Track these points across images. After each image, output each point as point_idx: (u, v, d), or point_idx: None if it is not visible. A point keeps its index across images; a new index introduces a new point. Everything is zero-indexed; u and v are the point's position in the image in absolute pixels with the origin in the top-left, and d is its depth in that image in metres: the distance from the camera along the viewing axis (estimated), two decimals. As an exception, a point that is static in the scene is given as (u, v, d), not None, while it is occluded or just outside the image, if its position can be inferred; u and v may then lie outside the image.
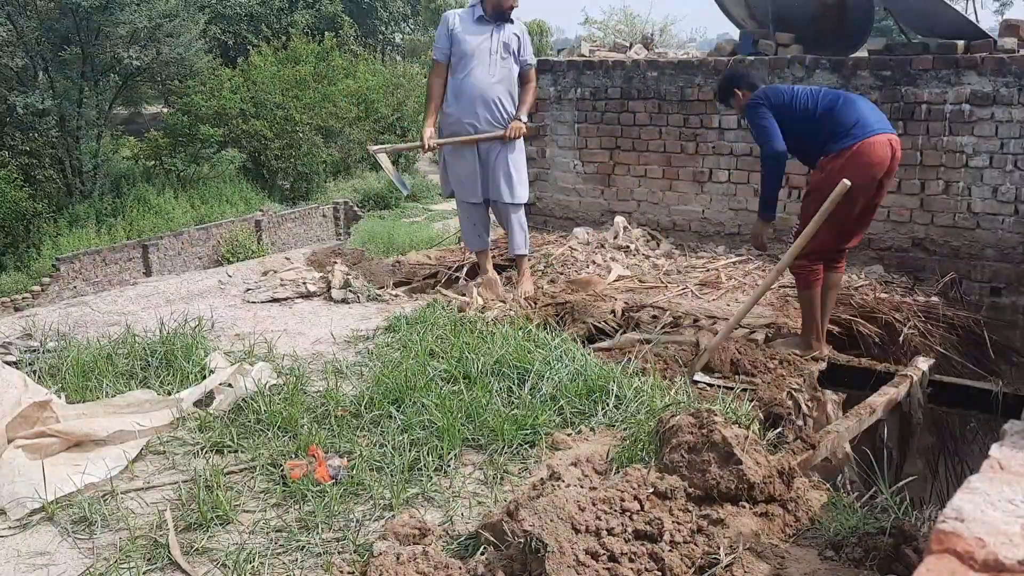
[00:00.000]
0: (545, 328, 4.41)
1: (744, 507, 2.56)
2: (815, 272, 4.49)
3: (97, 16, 22.23)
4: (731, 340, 4.39)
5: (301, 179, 28.20)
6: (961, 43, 5.69)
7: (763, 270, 5.89)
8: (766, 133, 4.37)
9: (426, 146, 5.19)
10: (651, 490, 2.47)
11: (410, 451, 3.03)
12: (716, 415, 2.75)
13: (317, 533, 2.59)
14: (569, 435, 3.22)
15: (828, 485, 3.01)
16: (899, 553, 2.38)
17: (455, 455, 3.05)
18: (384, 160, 5.51)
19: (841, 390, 4.45)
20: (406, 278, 6.08)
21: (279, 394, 3.56)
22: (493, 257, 5.72)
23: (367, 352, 4.17)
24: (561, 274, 5.98)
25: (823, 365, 4.50)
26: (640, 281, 5.78)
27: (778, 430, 3.31)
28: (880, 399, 4.14)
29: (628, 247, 6.49)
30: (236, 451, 3.14)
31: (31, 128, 22.89)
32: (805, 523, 2.63)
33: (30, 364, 3.90)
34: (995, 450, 1.66)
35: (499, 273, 5.68)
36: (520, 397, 3.44)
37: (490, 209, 5.48)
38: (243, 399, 3.49)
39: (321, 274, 5.64)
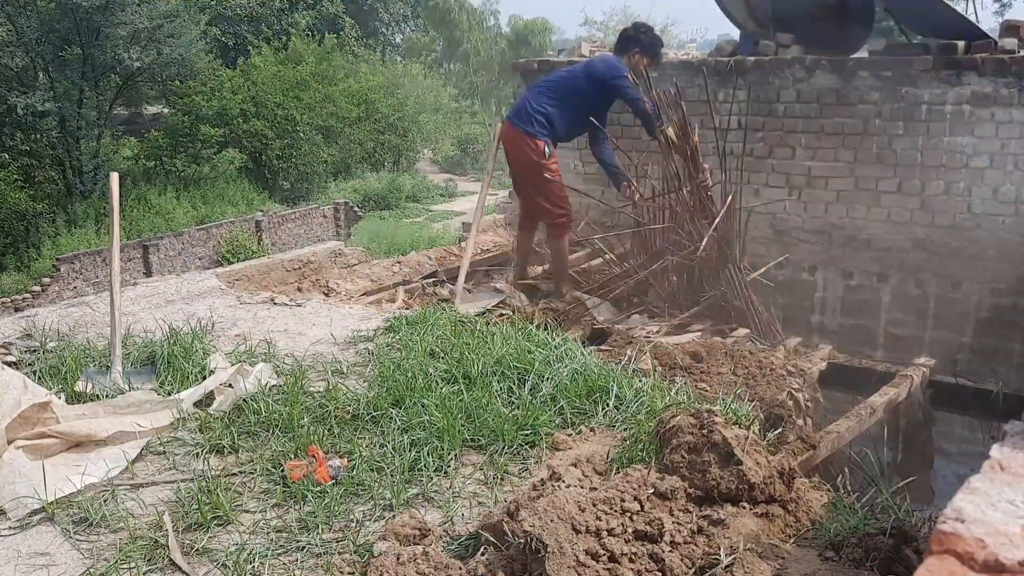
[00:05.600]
0: (545, 328, 4.41)
1: (744, 508, 2.56)
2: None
3: (97, 16, 22.19)
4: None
5: (302, 179, 28.17)
6: (961, 44, 5.69)
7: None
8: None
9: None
10: (651, 490, 2.47)
11: (410, 451, 3.03)
12: (716, 416, 2.75)
13: (317, 533, 2.59)
14: (569, 435, 3.21)
15: (828, 486, 3.01)
16: (899, 554, 2.37)
17: (455, 455, 3.05)
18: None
19: (841, 390, 4.46)
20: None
21: (279, 394, 3.55)
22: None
23: (367, 352, 4.17)
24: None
25: (823, 365, 4.51)
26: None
27: (778, 430, 3.31)
28: (880, 399, 4.14)
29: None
30: (236, 451, 3.14)
31: (31, 129, 22.86)
32: (805, 524, 2.63)
33: (30, 364, 3.90)
34: (995, 450, 1.66)
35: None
36: (520, 397, 3.44)
37: None
38: (243, 399, 3.49)
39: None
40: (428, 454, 3.01)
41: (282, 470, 2.93)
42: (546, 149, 5.60)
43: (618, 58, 5.82)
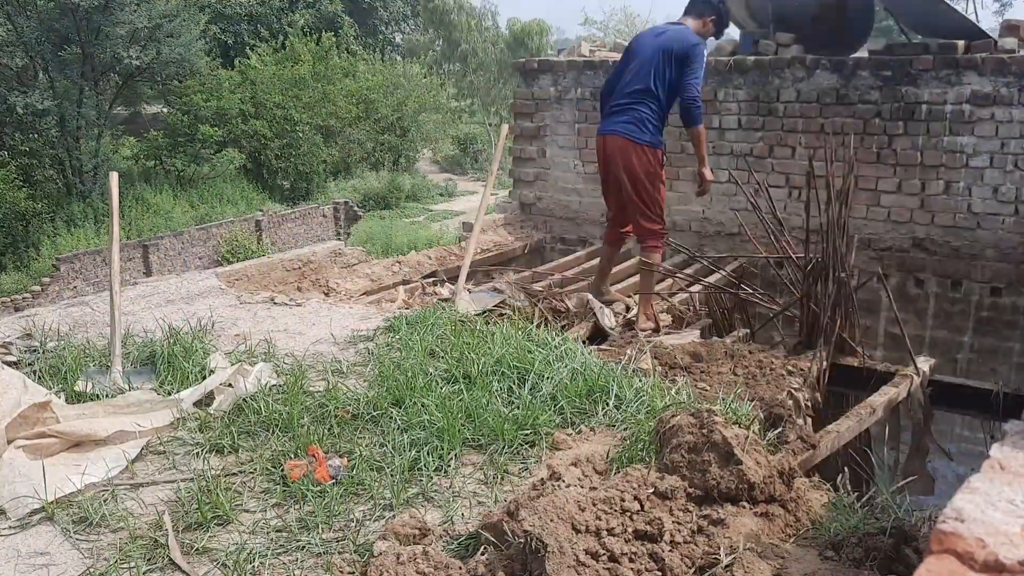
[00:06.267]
0: (545, 328, 4.41)
1: (744, 507, 2.56)
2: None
3: (97, 16, 22.17)
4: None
5: (301, 179, 28.16)
6: (961, 43, 5.69)
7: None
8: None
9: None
10: (651, 490, 2.47)
11: (410, 451, 3.03)
12: (716, 415, 2.75)
13: (317, 533, 2.59)
14: (569, 435, 3.21)
15: (828, 485, 3.01)
16: (899, 553, 2.38)
17: (455, 455, 3.05)
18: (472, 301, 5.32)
19: (841, 390, 4.46)
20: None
21: (279, 394, 3.55)
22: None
23: (367, 352, 4.17)
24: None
25: (824, 364, 4.50)
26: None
27: (778, 430, 3.31)
28: (880, 399, 4.14)
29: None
30: (236, 451, 3.14)
31: (31, 128, 22.85)
32: (805, 523, 2.63)
33: (30, 364, 3.90)
34: (995, 450, 1.66)
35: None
36: (520, 397, 3.44)
37: None
38: (243, 399, 3.49)
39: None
40: (428, 454, 3.01)
41: (282, 470, 2.93)
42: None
43: (686, 26, 5.17)
